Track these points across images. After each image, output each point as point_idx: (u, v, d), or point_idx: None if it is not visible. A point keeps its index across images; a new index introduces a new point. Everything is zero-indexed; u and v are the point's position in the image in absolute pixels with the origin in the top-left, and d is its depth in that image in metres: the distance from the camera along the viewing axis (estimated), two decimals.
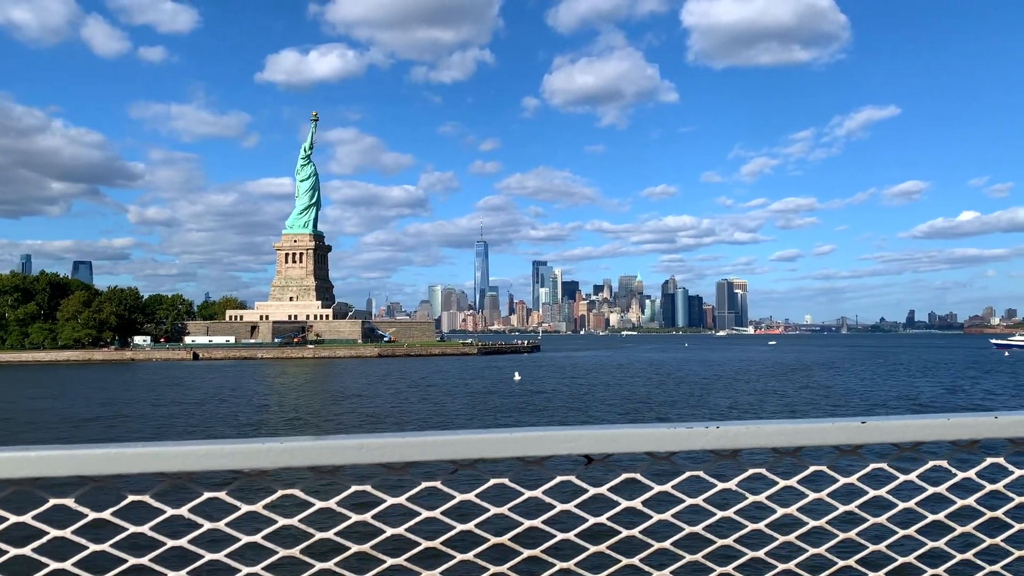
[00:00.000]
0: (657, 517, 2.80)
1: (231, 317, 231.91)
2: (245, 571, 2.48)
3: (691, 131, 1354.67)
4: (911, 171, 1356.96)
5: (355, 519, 2.56)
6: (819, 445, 2.73)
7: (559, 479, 2.68)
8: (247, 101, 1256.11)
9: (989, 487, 3.04)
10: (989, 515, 3.08)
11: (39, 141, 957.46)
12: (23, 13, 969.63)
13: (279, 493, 2.55)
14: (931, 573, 3.00)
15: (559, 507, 2.74)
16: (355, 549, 2.60)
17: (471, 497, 2.64)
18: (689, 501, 2.82)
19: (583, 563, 2.73)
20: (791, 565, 2.87)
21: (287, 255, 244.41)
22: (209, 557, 2.50)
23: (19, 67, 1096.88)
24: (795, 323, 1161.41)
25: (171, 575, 2.47)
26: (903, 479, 2.97)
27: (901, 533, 3.04)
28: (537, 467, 2.58)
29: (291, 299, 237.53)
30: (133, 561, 2.45)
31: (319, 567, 2.56)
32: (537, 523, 2.71)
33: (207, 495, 2.43)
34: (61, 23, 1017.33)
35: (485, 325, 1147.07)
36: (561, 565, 2.72)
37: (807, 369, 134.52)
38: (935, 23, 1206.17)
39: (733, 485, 2.82)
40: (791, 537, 2.93)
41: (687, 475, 2.75)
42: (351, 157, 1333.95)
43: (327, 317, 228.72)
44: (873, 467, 2.93)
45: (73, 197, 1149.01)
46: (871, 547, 3.00)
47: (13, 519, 2.34)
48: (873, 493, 2.98)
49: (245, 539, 2.52)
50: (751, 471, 2.82)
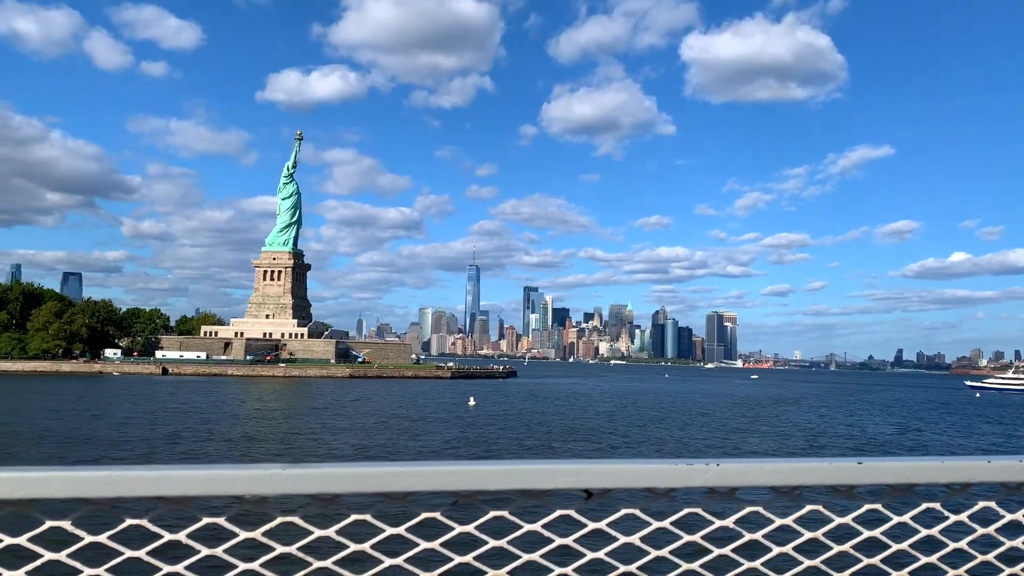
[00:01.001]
0: (655, 553, 2.79)
1: (206, 333, 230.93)
2: None
3: (686, 164, 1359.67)
4: (903, 211, 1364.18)
5: (354, 548, 2.54)
6: (816, 485, 2.75)
7: (559, 512, 2.66)
8: (247, 119, 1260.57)
9: (981, 530, 3.07)
10: (981, 558, 3.08)
11: (37, 151, 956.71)
12: (27, 24, 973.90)
13: (278, 520, 2.51)
14: None
15: (558, 541, 2.72)
16: None
17: (471, 529, 2.63)
18: (687, 538, 2.81)
19: None
20: None
21: (265, 272, 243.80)
22: None
23: (20, 77, 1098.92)
24: (784, 358, 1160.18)
25: None
26: (897, 520, 3.00)
27: (895, 575, 3.02)
28: (537, 500, 2.58)
29: (267, 316, 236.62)
30: None
31: None
32: (536, 557, 2.70)
33: (206, 520, 2.41)
34: (65, 35, 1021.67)
35: (474, 349, 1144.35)
36: None
37: (770, 403, 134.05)
38: (930, 68, 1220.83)
39: (731, 523, 2.83)
40: None
41: (685, 512, 2.77)
42: (348, 178, 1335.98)
43: (302, 336, 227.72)
44: (868, 507, 2.94)
45: (68, 208, 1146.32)
46: None
47: (8, 541, 2.30)
48: (867, 534, 2.98)
49: (243, 566, 2.49)
50: (748, 509, 2.83)
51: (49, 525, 2.28)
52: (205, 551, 2.45)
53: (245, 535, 2.47)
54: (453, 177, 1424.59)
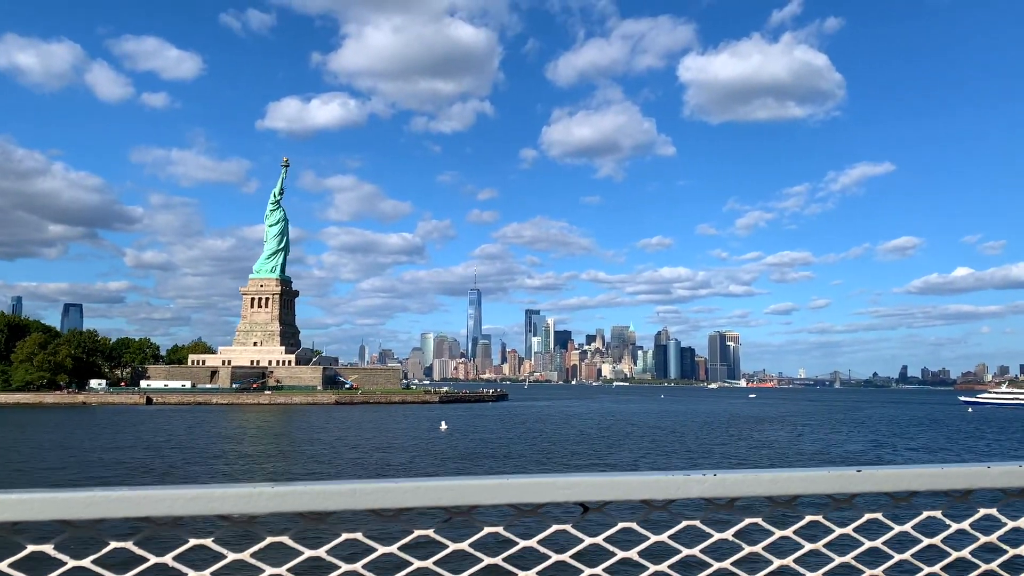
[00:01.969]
0: (653, 568, 2.74)
1: (194, 362, 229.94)
2: None
3: (687, 184, 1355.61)
4: (905, 227, 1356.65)
5: (345, 568, 2.49)
6: (815, 494, 2.72)
7: (555, 528, 2.63)
8: (247, 148, 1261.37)
9: (983, 539, 3.04)
10: (984, 567, 3.04)
11: (39, 184, 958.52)
12: (28, 58, 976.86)
13: (268, 540, 2.44)
14: None
15: (554, 557, 2.68)
16: None
17: (464, 546, 2.59)
18: (685, 552, 2.77)
19: None
20: None
21: (253, 300, 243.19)
22: None
23: (22, 110, 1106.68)
24: (788, 376, 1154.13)
25: None
26: (898, 530, 2.97)
27: None
28: (532, 515, 2.54)
29: (255, 344, 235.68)
30: None
31: None
32: (532, 574, 2.67)
33: (193, 542, 2.34)
34: (66, 68, 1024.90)
35: (477, 373, 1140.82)
36: None
37: (751, 422, 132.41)
38: (929, 83, 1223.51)
39: (729, 535, 2.80)
40: None
41: (683, 524, 2.72)
42: (349, 204, 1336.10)
43: (290, 363, 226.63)
44: (868, 517, 2.92)
45: (71, 240, 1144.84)
46: None
47: None
48: (868, 544, 2.96)
49: None
50: (747, 520, 2.80)
51: (32, 549, 2.22)
52: (193, 574, 2.39)
53: (233, 556, 2.42)
54: (454, 202, 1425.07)
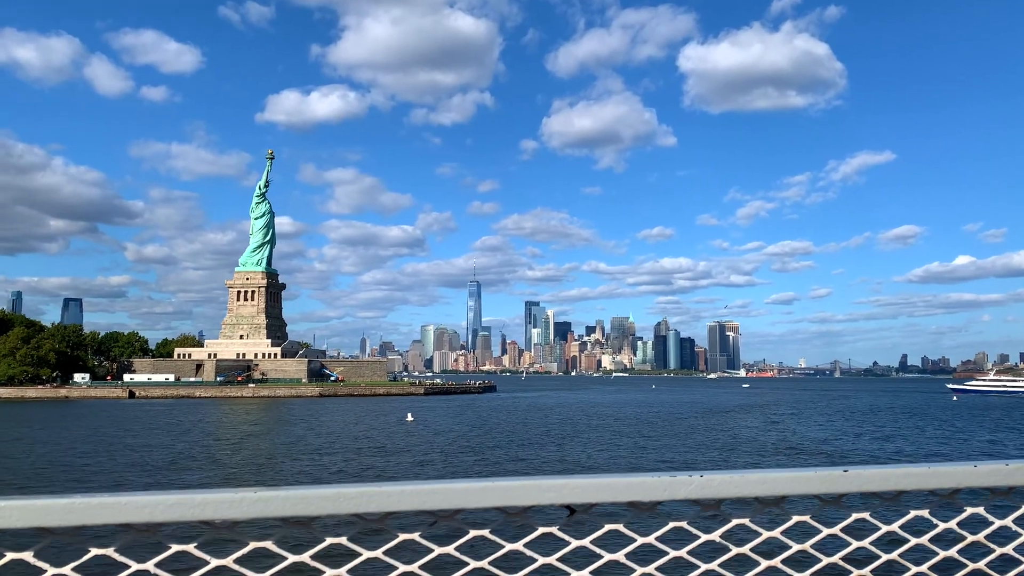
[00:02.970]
0: (641, 570, 2.74)
1: (179, 355, 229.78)
2: None
3: (688, 174, 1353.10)
4: (906, 216, 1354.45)
5: (330, 573, 2.47)
6: (802, 495, 2.72)
7: (541, 530, 2.65)
8: (247, 141, 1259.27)
9: (971, 538, 3.04)
10: (972, 567, 3.06)
11: (39, 179, 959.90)
12: (27, 52, 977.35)
13: (251, 546, 2.44)
14: None
15: (541, 560, 2.66)
16: None
17: (450, 550, 2.59)
18: (673, 553, 2.78)
19: None
20: None
21: (239, 293, 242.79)
22: None
23: (22, 105, 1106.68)
24: (789, 366, 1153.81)
25: None
26: (886, 529, 2.97)
27: None
28: (519, 518, 2.54)
29: (241, 337, 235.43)
30: None
31: None
32: None
33: (175, 548, 2.33)
34: (65, 62, 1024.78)
35: (477, 365, 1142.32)
36: None
37: (722, 412, 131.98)
38: (930, 72, 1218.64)
39: (717, 536, 2.80)
40: None
41: (671, 526, 2.72)
42: (350, 197, 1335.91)
43: (275, 356, 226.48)
44: (856, 517, 2.93)
45: (72, 235, 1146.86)
46: None
47: None
48: (856, 544, 2.97)
49: None
50: (735, 522, 2.80)
51: (10, 558, 2.20)
52: None
53: (216, 563, 2.39)
54: (455, 194, 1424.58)
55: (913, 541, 3.02)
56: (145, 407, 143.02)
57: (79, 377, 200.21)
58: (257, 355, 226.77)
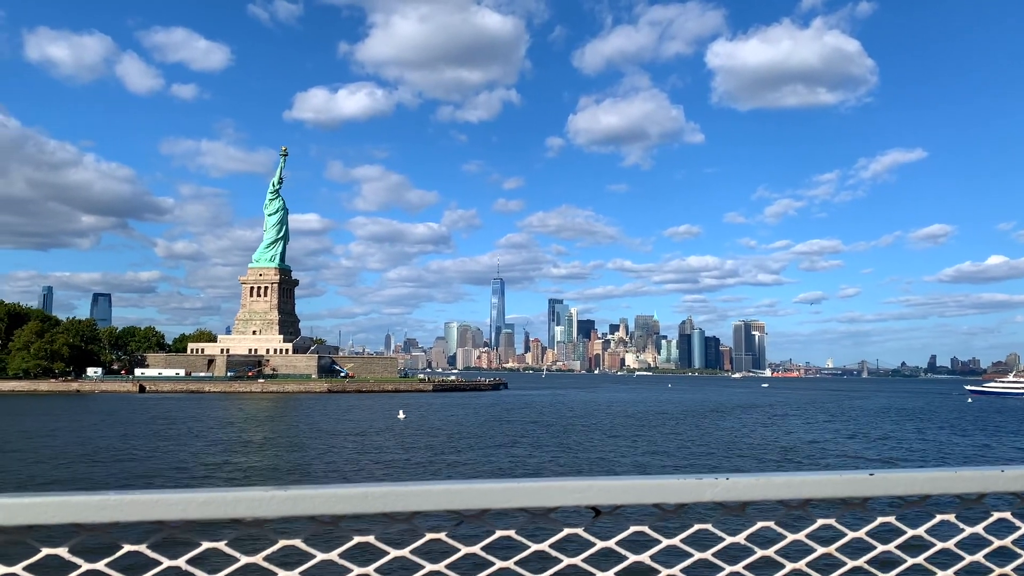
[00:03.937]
0: (666, 572, 2.75)
1: (192, 350, 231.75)
2: None
3: (715, 172, 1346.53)
4: (937, 214, 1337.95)
5: (357, 572, 2.50)
6: (828, 498, 2.73)
7: (567, 531, 2.66)
8: (276, 138, 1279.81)
9: (997, 542, 3.02)
10: (999, 571, 3.04)
11: (71, 175, 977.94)
12: (60, 51, 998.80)
13: (280, 544, 2.47)
14: None
15: (566, 560, 2.68)
16: None
17: (476, 550, 2.60)
18: (698, 555, 2.79)
19: None
20: None
21: (252, 288, 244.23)
22: None
23: (54, 103, 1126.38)
24: (816, 366, 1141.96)
25: None
26: (911, 533, 2.96)
27: None
28: (544, 519, 2.54)
29: (254, 333, 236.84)
30: None
31: None
32: None
33: (206, 545, 2.37)
34: (97, 60, 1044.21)
35: (500, 363, 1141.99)
36: None
37: (728, 411, 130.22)
38: (962, 69, 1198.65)
39: (742, 539, 2.81)
40: None
41: (696, 528, 2.73)
42: (377, 194, 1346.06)
43: (286, 351, 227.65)
44: (881, 520, 2.93)
45: (103, 230, 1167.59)
46: None
47: (3, 570, 2.25)
48: (881, 548, 2.94)
49: None
50: (760, 524, 2.80)
51: (46, 553, 2.24)
52: None
53: (246, 560, 2.42)
54: (480, 191, 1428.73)
55: (939, 545, 2.99)
56: (148, 401, 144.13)
57: (92, 371, 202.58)
58: (269, 350, 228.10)
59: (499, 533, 2.63)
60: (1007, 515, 2.97)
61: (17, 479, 48.61)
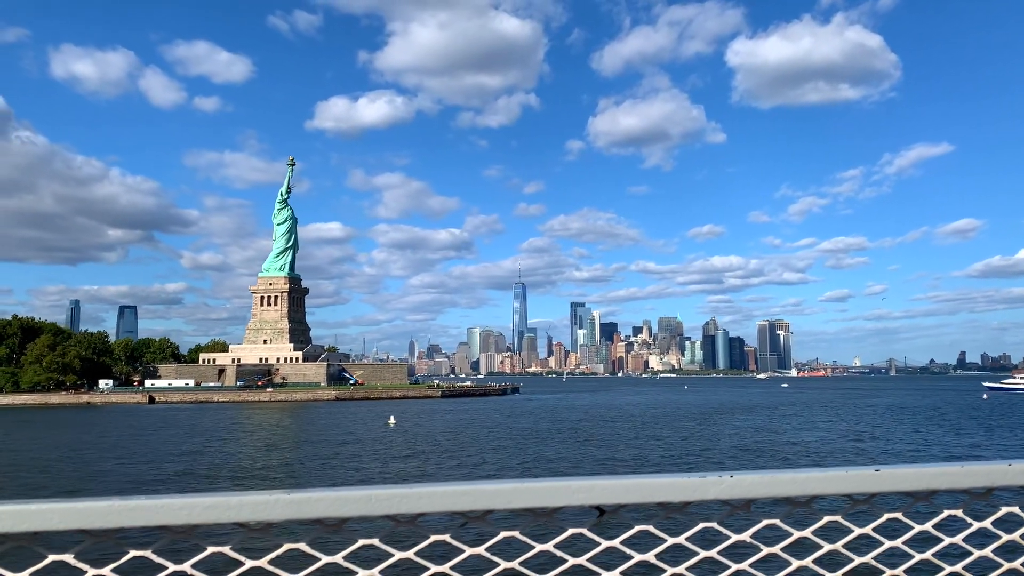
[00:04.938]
0: (671, 571, 2.75)
1: (204, 360, 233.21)
2: None
3: (738, 171, 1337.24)
4: (965, 209, 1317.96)
5: (363, 574, 2.51)
6: (833, 494, 2.72)
7: (571, 531, 2.67)
8: (297, 148, 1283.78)
9: (1005, 537, 3.02)
10: (1007, 566, 3.05)
11: (97, 189, 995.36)
12: (85, 67, 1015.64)
13: (285, 547, 2.50)
14: None
15: (571, 560, 2.69)
16: None
17: (481, 551, 2.60)
18: (703, 554, 2.79)
19: None
20: None
21: (262, 298, 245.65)
22: None
23: (80, 119, 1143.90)
24: (843, 365, 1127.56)
25: None
26: (918, 529, 2.97)
27: None
28: (548, 519, 2.55)
29: (265, 342, 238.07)
30: None
31: None
32: None
33: (211, 549, 2.38)
34: (120, 76, 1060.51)
35: (523, 367, 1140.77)
36: None
37: (721, 414, 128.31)
38: (986, 61, 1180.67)
39: (747, 537, 2.80)
40: None
41: (701, 526, 2.74)
42: (398, 201, 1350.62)
43: (296, 360, 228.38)
44: (888, 517, 2.91)
45: (129, 244, 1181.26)
46: None
47: None
48: (889, 544, 2.95)
49: None
50: (765, 522, 2.81)
51: (52, 559, 2.25)
52: None
53: (251, 564, 2.42)
54: (501, 196, 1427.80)
55: (947, 540, 2.98)
56: (156, 412, 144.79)
57: (103, 383, 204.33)
58: (279, 359, 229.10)
59: (504, 534, 2.62)
60: (1015, 509, 2.95)
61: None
